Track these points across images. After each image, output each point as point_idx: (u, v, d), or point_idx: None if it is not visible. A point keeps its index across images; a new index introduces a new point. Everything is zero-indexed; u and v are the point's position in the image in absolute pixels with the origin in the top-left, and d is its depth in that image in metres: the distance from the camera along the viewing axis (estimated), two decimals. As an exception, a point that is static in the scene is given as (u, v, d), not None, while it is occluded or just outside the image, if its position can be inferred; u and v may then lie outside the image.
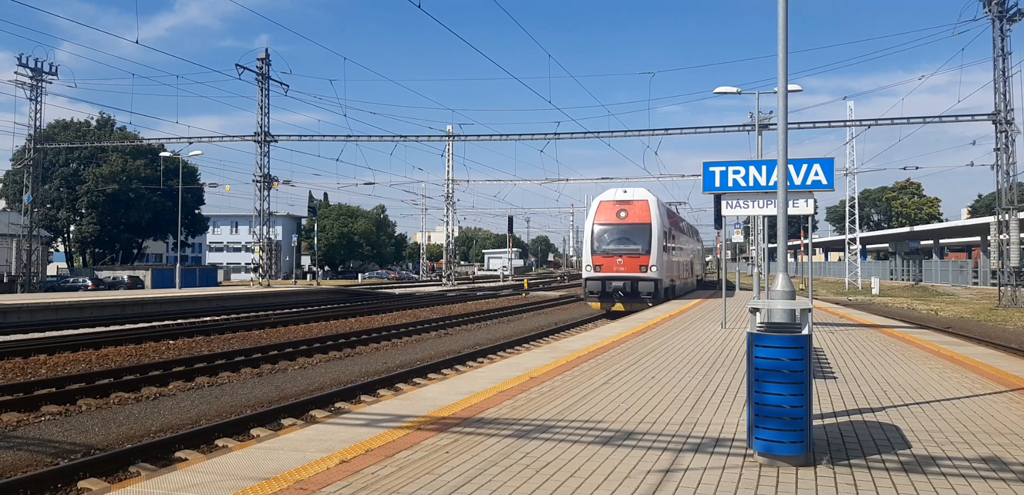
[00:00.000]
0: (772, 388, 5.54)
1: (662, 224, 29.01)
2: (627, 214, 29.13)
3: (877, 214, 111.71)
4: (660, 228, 28.72)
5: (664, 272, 28.99)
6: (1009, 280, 35.52)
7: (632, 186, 30.41)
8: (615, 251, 28.73)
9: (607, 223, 29.34)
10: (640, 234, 28.70)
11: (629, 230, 28.89)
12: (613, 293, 28.35)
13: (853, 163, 59.41)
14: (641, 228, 28.76)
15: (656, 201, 29.68)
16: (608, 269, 28.46)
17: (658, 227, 28.55)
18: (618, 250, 28.70)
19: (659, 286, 28.19)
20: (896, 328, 18.64)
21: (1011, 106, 35.06)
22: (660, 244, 28.43)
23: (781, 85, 7.44)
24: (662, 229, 28.93)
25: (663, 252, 28.79)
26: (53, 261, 71.28)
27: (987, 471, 5.54)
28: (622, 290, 28.11)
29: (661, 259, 28.48)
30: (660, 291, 28.22)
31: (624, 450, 6.15)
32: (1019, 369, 10.80)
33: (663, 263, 28.74)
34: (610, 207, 29.70)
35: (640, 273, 28.10)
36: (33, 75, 44.50)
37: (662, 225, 28.99)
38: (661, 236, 28.69)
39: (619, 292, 28.21)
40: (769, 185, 13.62)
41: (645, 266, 28.05)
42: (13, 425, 10.69)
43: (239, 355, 17.36)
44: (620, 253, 28.62)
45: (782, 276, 6.96)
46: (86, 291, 44.67)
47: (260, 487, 5.14)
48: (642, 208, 29.13)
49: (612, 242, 29.01)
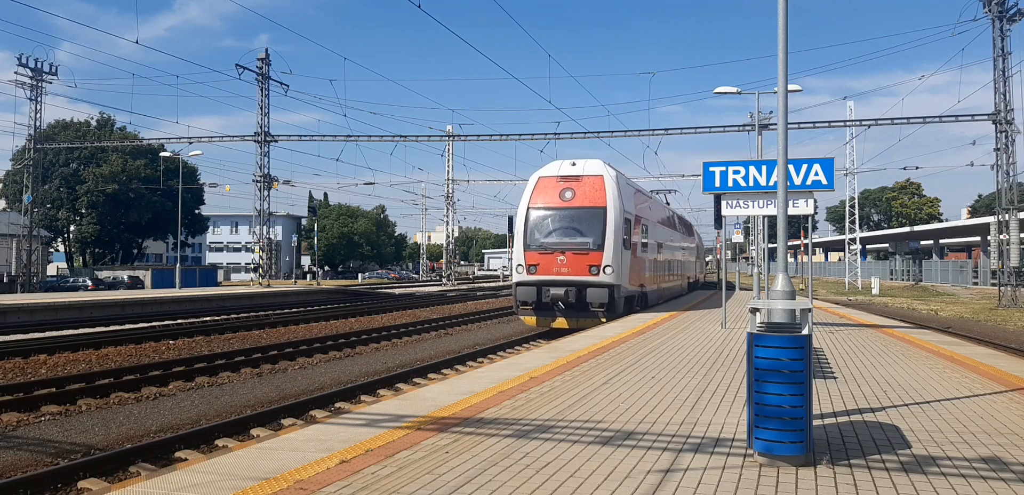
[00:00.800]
0: (772, 388, 5.54)
1: (623, 209, 21.06)
2: (574, 194, 21.11)
3: (877, 214, 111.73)
4: (619, 214, 20.75)
5: (626, 274, 21.36)
6: (1009, 280, 35.52)
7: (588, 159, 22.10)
8: (556, 245, 20.73)
9: (546, 207, 21.24)
10: (591, 222, 20.68)
11: (576, 216, 20.93)
12: (552, 304, 20.47)
13: (853, 163, 59.46)
14: (592, 214, 20.70)
15: (616, 177, 21.61)
16: (546, 270, 20.55)
17: (617, 212, 20.61)
18: (560, 244, 20.71)
19: (616, 294, 20.46)
20: (896, 328, 18.64)
21: (1011, 106, 35.07)
22: (620, 236, 20.64)
23: (781, 85, 7.44)
24: (623, 216, 20.98)
25: (624, 247, 21.13)
26: (53, 261, 71.31)
27: (987, 471, 5.54)
28: (563, 300, 20.21)
29: (621, 257, 20.78)
30: (617, 300, 20.60)
31: (624, 450, 6.15)
32: (1019, 369, 10.80)
33: (624, 262, 21.14)
34: (551, 185, 21.55)
35: (590, 276, 20.23)
36: (33, 75, 44.50)
37: (623, 210, 21.04)
38: (622, 225, 20.80)
39: (559, 303, 20.36)
40: (769, 185, 13.62)
41: (596, 266, 20.20)
42: (13, 425, 10.69)
43: (239, 355, 17.36)
44: (563, 248, 20.58)
45: (782, 276, 6.96)
46: (86, 291, 44.67)
47: (260, 487, 5.14)
48: (594, 186, 21.02)
49: (552, 233, 21.03)
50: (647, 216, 25.53)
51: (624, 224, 21.08)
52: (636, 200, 24.11)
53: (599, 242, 20.37)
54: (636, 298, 23.35)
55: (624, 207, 21.29)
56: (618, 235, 20.54)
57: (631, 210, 22.31)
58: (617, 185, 21.31)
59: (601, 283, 20.18)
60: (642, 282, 24.26)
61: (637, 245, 23.05)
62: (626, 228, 21.31)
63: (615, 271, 20.30)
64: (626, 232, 21.29)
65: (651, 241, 25.89)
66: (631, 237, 21.91)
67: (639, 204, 24.48)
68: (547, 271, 20.59)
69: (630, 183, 24.65)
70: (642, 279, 24.26)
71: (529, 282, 20.74)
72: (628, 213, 21.69)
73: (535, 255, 20.86)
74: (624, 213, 21.18)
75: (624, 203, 21.45)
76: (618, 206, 20.79)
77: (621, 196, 21.28)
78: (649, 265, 25.58)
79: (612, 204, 20.65)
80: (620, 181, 22.01)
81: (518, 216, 21.78)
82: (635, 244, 22.69)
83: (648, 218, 25.63)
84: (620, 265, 20.62)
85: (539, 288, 20.57)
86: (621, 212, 20.88)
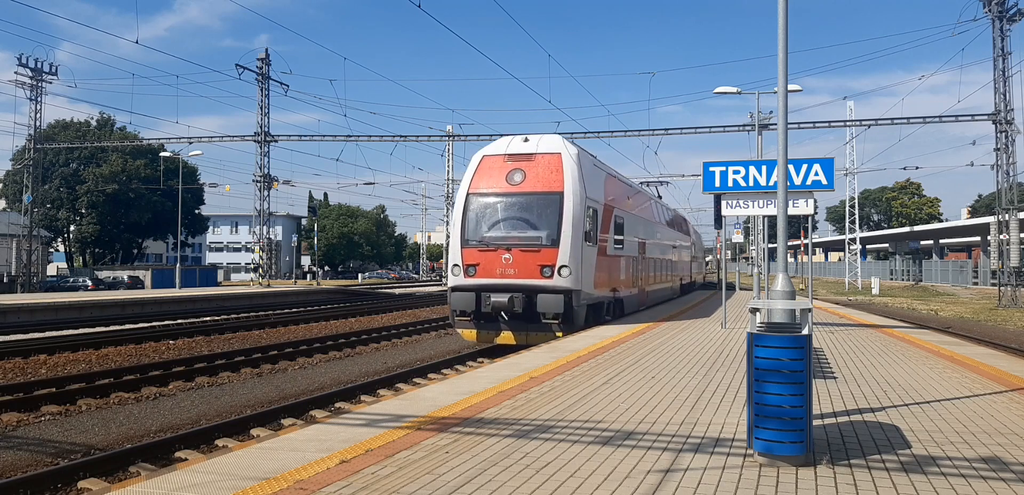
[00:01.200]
0: (772, 388, 5.54)
1: (585, 195, 17.18)
2: (525, 177, 17.37)
3: (877, 214, 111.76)
4: (580, 201, 16.94)
5: (589, 277, 17.51)
6: (1009, 280, 35.53)
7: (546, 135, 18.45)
8: (500, 240, 16.93)
9: (490, 192, 17.53)
10: (544, 211, 16.92)
11: (526, 204, 17.20)
12: (494, 313, 16.76)
13: (853, 163, 59.48)
14: (545, 201, 16.95)
15: (578, 157, 17.70)
16: (487, 271, 16.83)
17: (577, 199, 16.82)
18: (505, 239, 16.92)
19: (574, 301, 16.58)
20: (896, 328, 18.64)
21: (1011, 106, 35.09)
22: (581, 228, 16.90)
23: (781, 85, 7.44)
24: (585, 204, 17.13)
25: (588, 243, 17.36)
26: (53, 261, 71.32)
27: (987, 471, 5.54)
28: (508, 308, 16.43)
29: (582, 255, 16.95)
30: (576, 309, 16.68)
31: (624, 450, 6.15)
32: (1019, 369, 10.80)
33: (587, 262, 17.34)
34: (496, 166, 17.79)
35: (541, 279, 16.45)
36: (33, 75, 44.52)
37: (585, 197, 17.16)
38: (583, 215, 17.05)
39: (503, 312, 16.70)
40: (769, 185, 13.63)
41: (549, 266, 16.42)
42: (13, 425, 10.70)
43: (239, 355, 17.36)
44: (508, 243, 16.81)
45: (782, 276, 6.97)
46: (86, 291, 44.68)
47: (260, 487, 5.14)
48: (549, 167, 17.25)
49: (496, 225, 17.25)
50: (624, 207, 21.84)
51: (588, 215, 17.40)
52: (609, 187, 20.28)
53: (553, 236, 16.57)
54: (607, 305, 19.57)
55: (588, 194, 17.43)
56: (578, 227, 16.78)
57: (598, 198, 18.59)
58: (578, 166, 17.32)
59: (555, 288, 16.31)
60: (615, 286, 20.31)
61: (608, 242, 19.41)
62: (591, 219, 17.69)
63: (573, 272, 16.51)
64: (591, 224, 17.65)
65: (630, 237, 22.31)
66: (598, 231, 18.32)
67: (613, 192, 20.64)
68: (489, 273, 16.75)
69: (600, 166, 20.27)
70: (615, 282, 20.33)
71: (466, 287, 16.90)
72: (594, 201, 18.00)
73: (474, 252, 16.99)
74: (588, 201, 17.39)
75: (588, 189, 17.60)
76: (578, 192, 16.92)
77: (584, 180, 17.39)
78: (626, 266, 21.87)
79: (571, 189, 16.83)
80: (584, 162, 18.04)
81: (456, 204, 17.99)
82: (605, 240, 19.06)
83: (626, 209, 21.98)
84: (580, 265, 16.83)
85: (478, 294, 16.61)
86: (582, 199, 17.01)
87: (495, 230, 17.20)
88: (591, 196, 17.74)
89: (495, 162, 17.88)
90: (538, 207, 17.11)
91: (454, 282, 17.27)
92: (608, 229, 19.39)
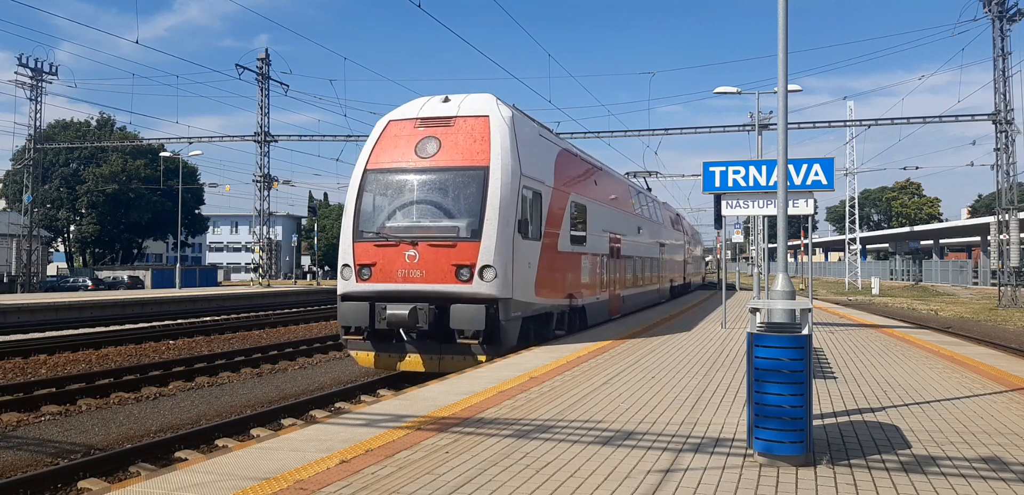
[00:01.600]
0: (772, 388, 5.54)
1: (520, 172, 13.01)
2: (440, 148, 13.22)
3: (877, 214, 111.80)
4: (514, 180, 12.86)
5: (528, 281, 13.33)
6: (1009, 280, 35.54)
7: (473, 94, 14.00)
8: (403, 233, 12.82)
9: (393, 169, 13.38)
10: (461, 192, 12.93)
11: (439, 184, 13.13)
12: (391, 330, 12.79)
13: (853, 163, 59.52)
14: (464, 179, 12.92)
15: (513, 121, 13.53)
16: (387, 274, 12.71)
17: (509, 177, 12.72)
18: (409, 231, 12.83)
19: (503, 313, 12.42)
20: (896, 328, 18.65)
21: (1011, 106, 35.11)
22: (513, 216, 12.73)
23: (781, 85, 7.44)
24: (520, 183, 12.98)
25: (525, 236, 13.16)
26: (53, 261, 71.35)
27: (987, 471, 5.54)
28: (409, 324, 12.34)
29: (516, 252, 12.75)
30: (505, 325, 12.50)
31: (624, 450, 6.15)
32: (1019, 369, 10.80)
33: (524, 261, 13.12)
34: (405, 134, 13.61)
35: (457, 284, 12.42)
36: (33, 75, 44.55)
37: (520, 174, 13.01)
38: (517, 199, 12.90)
39: (404, 329, 12.77)
40: (769, 185, 13.64)
41: (468, 267, 12.36)
42: (13, 425, 10.70)
43: (239, 355, 17.36)
44: (413, 236, 12.70)
45: (782, 276, 6.97)
46: (86, 291, 44.69)
47: (260, 487, 5.14)
48: (473, 135, 13.18)
49: (399, 212, 13.22)
50: (588, 194, 17.57)
51: (527, 199, 13.26)
52: (563, 167, 15.87)
53: (474, 226, 12.33)
54: (559, 317, 15.39)
55: (526, 172, 13.20)
56: (509, 215, 12.46)
57: (544, 178, 14.28)
58: (512, 134, 13.07)
59: (475, 295, 12.07)
60: (572, 291, 16.00)
61: (561, 235, 15.08)
62: (532, 205, 13.55)
63: (501, 275, 12.22)
64: (531, 212, 13.45)
65: (597, 232, 18.00)
66: (544, 221, 14.05)
67: (569, 173, 16.32)
68: (388, 276, 12.54)
69: (550, 138, 15.95)
70: (571, 286, 15.95)
71: (358, 295, 12.70)
72: (536, 182, 13.73)
73: (369, 249, 12.76)
74: (527, 181, 13.18)
75: (527, 165, 13.30)
76: (511, 168, 12.66)
77: (519, 153, 12.97)
78: (591, 266, 17.51)
79: (501, 164, 12.58)
80: (522, 129, 13.65)
81: (350, 185, 13.58)
82: (555, 234, 14.72)
83: (589, 197, 17.64)
84: (510, 264, 12.43)
85: (373, 304, 12.44)
86: (516, 178, 12.77)
87: (398, 219, 13.00)
88: (532, 175, 13.55)
89: (403, 129, 13.54)
90: (455, 187, 12.86)
91: (343, 288, 12.96)
92: (561, 219, 15.15)
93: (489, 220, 12.42)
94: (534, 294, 13.68)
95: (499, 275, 12.35)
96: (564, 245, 15.49)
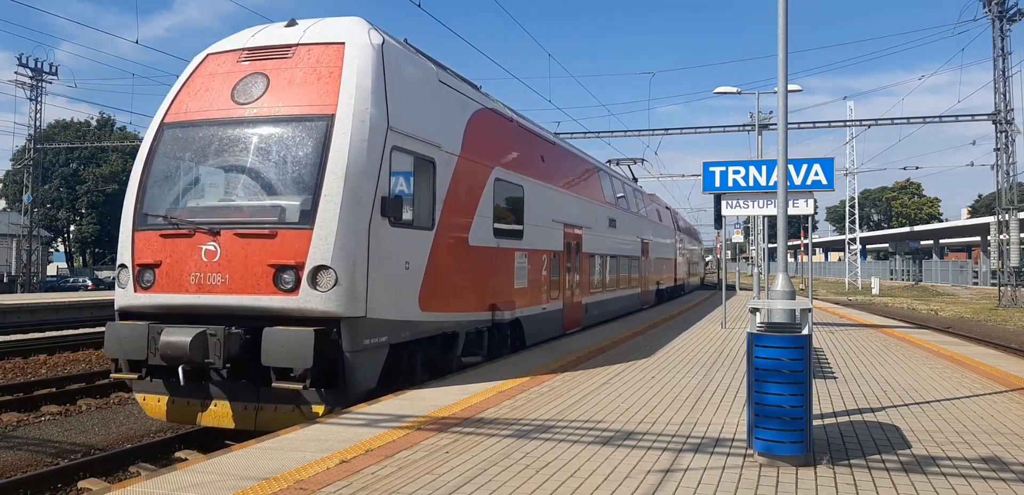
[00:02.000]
0: (772, 388, 5.54)
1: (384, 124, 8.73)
2: (267, 88, 8.97)
3: (877, 214, 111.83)
4: (375, 134, 8.66)
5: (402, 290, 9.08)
6: (1009, 280, 35.55)
7: (330, 18, 9.71)
8: (201, 218, 8.56)
9: (200, 121, 9.15)
10: (291, 152, 8.56)
11: (259, 141, 8.80)
12: (171, 365, 8.20)
13: (853, 163, 59.54)
14: (297, 133, 8.64)
15: (380, 51, 9.13)
16: (174, 280, 8.48)
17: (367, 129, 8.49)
18: (210, 215, 8.58)
19: (350, 337, 8.14)
20: (896, 328, 18.65)
21: (1011, 106, 35.10)
22: (370, 189, 8.48)
23: (781, 85, 7.44)
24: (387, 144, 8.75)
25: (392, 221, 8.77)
26: (53, 261, 71.36)
27: (987, 471, 5.54)
28: (192, 357, 7.89)
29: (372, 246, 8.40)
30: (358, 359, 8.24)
31: (624, 450, 6.15)
32: (1019, 369, 10.80)
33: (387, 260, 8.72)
34: (224, 71, 9.45)
35: (278, 295, 8.08)
36: (33, 75, 44.59)
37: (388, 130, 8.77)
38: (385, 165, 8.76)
39: (198, 367, 8.24)
40: (769, 185, 13.65)
41: (292, 269, 8.06)
42: (13, 425, 10.70)
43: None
44: (214, 223, 8.41)
45: (782, 276, 6.97)
46: (86, 291, 44.68)
47: (260, 487, 5.14)
48: (318, 68, 8.96)
49: (202, 185, 9.26)
50: (525, 169, 13.59)
51: (408, 168, 9.41)
52: (480, 128, 11.77)
53: (306, 205, 8.32)
54: (475, 336, 11.52)
55: (399, 125, 9.08)
56: (363, 187, 8.44)
57: (443, 141, 10.22)
58: (379, 68, 9.03)
59: (302, 313, 8.11)
60: (494, 302, 11.87)
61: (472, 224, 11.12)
62: (416, 178, 9.56)
63: (347, 281, 8.18)
64: (414, 187, 9.46)
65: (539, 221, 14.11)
66: (438, 201, 10.01)
67: (490, 138, 12.30)
68: (176, 282, 8.53)
69: (454, 84, 11.39)
70: (490, 295, 11.80)
71: (134, 311, 8.88)
72: (423, 143, 9.63)
73: (153, 241, 8.74)
74: (400, 139, 9.08)
75: (402, 116, 9.19)
76: (372, 119, 8.67)
77: (388, 97, 8.95)
78: (527, 267, 13.41)
79: (354, 110, 8.56)
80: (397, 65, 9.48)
81: (140, 150, 9.60)
82: (459, 222, 10.75)
83: (527, 174, 13.67)
84: (362, 264, 8.35)
85: (149, 327, 8.38)
86: (381, 133, 8.76)
87: (196, 196, 9.13)
88: (415, 133, 9.49)
89: (223, 65, 9.55)
90: (281, 147, 8.69)
91: (119, 301, 9.08)
92: (474, 202, 11.28)
93: (328, 196, 8.20)
94: (417, 307, 9.40)
95: (343, 281, 8.09)
96: (481, 237, 11.39)
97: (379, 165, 8.67)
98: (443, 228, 10.13)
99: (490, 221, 11.82)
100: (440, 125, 10.35)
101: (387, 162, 8.80)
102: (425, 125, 9.85)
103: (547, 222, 14.74)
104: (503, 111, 13.66)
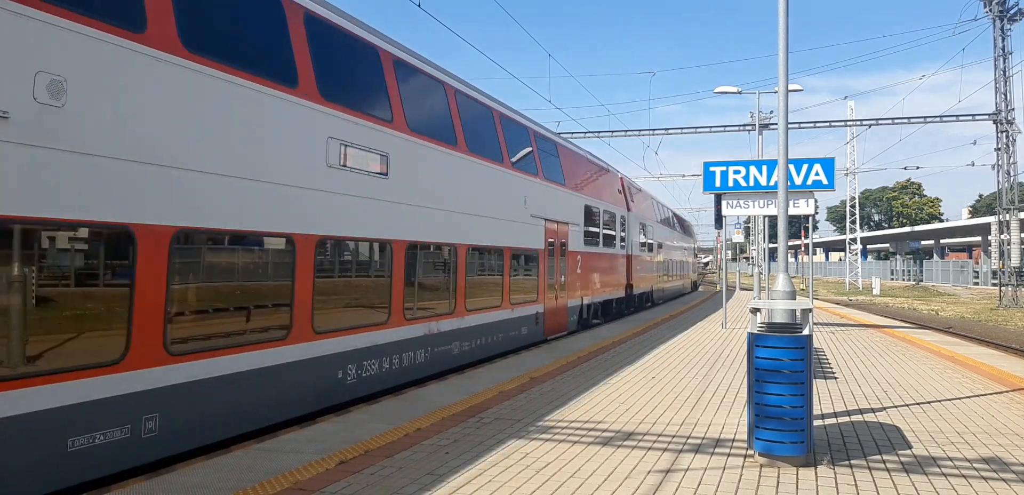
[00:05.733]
0: (772, 388, 5.54)
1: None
2: None
3: (878, 214, 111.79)
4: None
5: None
6: (1010, 280, 35.51)
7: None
8: None
9: None
10: None
11: None
12: None
13: (853, 163, 59.46)
14: None
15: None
16: None
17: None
18: None
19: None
20: (897, 328, 18.64)
21: (1011, 106, 35.05)
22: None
23: (781, 85, 7.44)
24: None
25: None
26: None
27: (987, 471, 5.53)
28: None
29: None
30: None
31: (624, 450, 6.15)
32: (1019, 369, 10.80)
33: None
34: None
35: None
36: (33, 75, 44.55)
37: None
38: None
39: None
40: (769, 185, 13.64)
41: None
42: (13, 425, 10.68)
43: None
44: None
45: (782, 276, 6.97)
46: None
47: (260, 487, 5.14)
48: None
49: None
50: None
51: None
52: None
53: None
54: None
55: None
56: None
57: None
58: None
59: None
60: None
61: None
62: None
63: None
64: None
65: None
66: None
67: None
68: None
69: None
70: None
71: None
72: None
73: None
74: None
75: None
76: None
77: None
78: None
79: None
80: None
81: None
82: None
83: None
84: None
85: None
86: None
87: None
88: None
89: None
90: None
91: None
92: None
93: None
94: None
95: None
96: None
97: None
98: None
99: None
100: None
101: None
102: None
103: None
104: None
